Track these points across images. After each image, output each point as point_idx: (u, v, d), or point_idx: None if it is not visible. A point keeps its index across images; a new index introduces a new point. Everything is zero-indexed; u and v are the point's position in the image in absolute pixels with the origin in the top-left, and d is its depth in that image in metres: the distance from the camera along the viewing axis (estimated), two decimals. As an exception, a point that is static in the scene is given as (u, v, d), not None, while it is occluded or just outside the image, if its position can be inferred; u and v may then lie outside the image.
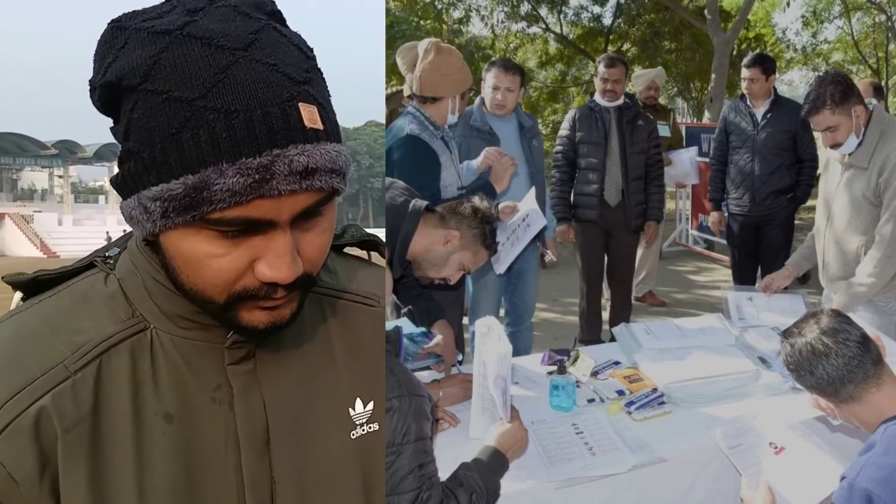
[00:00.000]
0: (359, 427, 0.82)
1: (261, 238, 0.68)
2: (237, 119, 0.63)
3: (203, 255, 0.68)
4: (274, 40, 0.68)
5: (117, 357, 0.73)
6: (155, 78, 0.64)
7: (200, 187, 0.63)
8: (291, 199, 0.66)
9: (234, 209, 0.64)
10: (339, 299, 0.87)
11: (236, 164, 0.63)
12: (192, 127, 0.63)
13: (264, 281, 0.69)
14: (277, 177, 0.64)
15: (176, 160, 0.64)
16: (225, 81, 0.64)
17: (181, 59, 0.64)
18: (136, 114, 0.66)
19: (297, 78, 0.67)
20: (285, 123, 0.65)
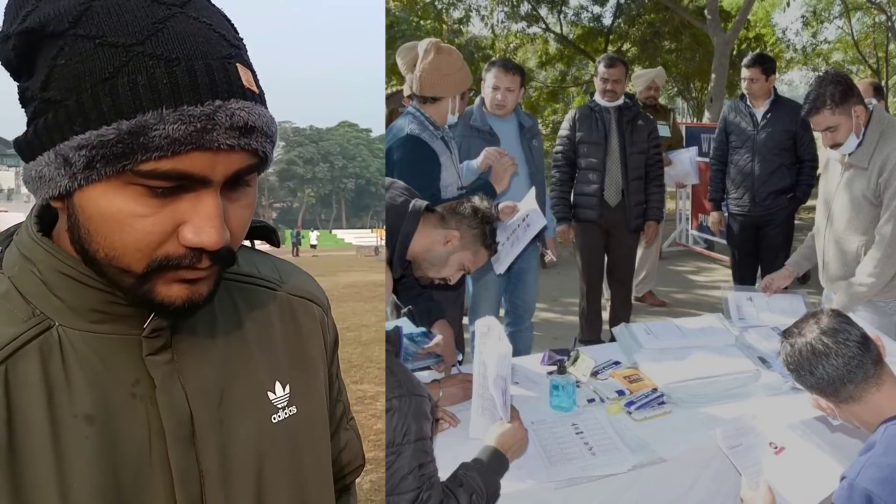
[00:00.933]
0: (280, 411, 0.80)
1: (189, 200, 0.64)
2: (178, 66, 0.61)
3: (127, 214, 0.63)
4: (206, 6, 0.67)
5: (24, 360, 0.67)
6: (86, 24, 0.61)
7: (136, 132, 0.60)
8: (227, 157, 0.64)
9: (169, 160, 0.61)
10: (244, 283, 0.85)
11: (178, 111, 0.60)
12: (128, 72, 0.60)
13: (189, 246, 0.65)
14: (218, 128, 0.62)
15: (108, 105, 0.60)
16: (164, 31, 0.61)
17: (116, 7, 0.62)
18: (62, 60, 0.61)
19: (232, 41, 0.66)
20: (226, 77, 0.63)
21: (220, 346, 0.78)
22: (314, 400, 0.86)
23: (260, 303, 0.84)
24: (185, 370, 0.74)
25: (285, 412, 0.81)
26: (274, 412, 0.80)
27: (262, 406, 0.79)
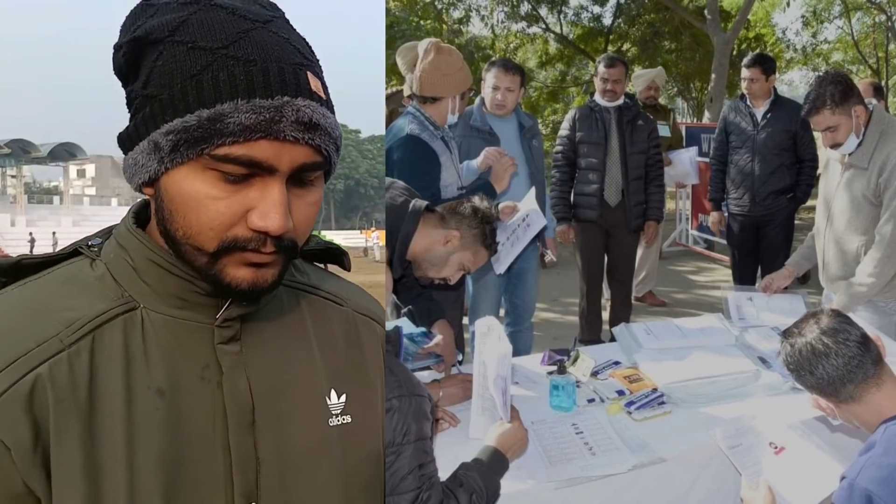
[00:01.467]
0: (335, 417, 0.85)
1: (258, 188, 0.72)
2: (254, 67, 0.70)
3: (203, 195, 0.71)
4: (287, 27, 0.76)
5: (110, 332, 0.74)
6: (182, 32, 0.71)
7: (214, 119, 0.69)
8: (293, 149, 0.71)
9: (241, 146, 0.69)
10: (312, 295, 0.91)
11: (250, 103, 0.69)
12: (212, 70, 0.70)
13: (255, 229, 0.72)
14: (285, 121, 0.70)
15: (193, 97, 0.70)
16: (245, 39, 0.71)
17: (207, 19, 0.72)
18: (160, 62, 0.72)
19: (305, 55, 0.75)
20: (295, 79, 0.72)
21: (285, 346, 0.84)
22: (369, 413, 0.90)
23: (326, 314, 0.91)
24: (251, 362, 0.80)
25: (339, 419, 0.85)
26: (329, 416, 0.85)
27: (319, 408, 0.84)
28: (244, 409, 0.78)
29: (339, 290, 0.95)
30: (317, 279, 0.94)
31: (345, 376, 0.88)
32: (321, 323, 0.89)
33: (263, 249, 0.73)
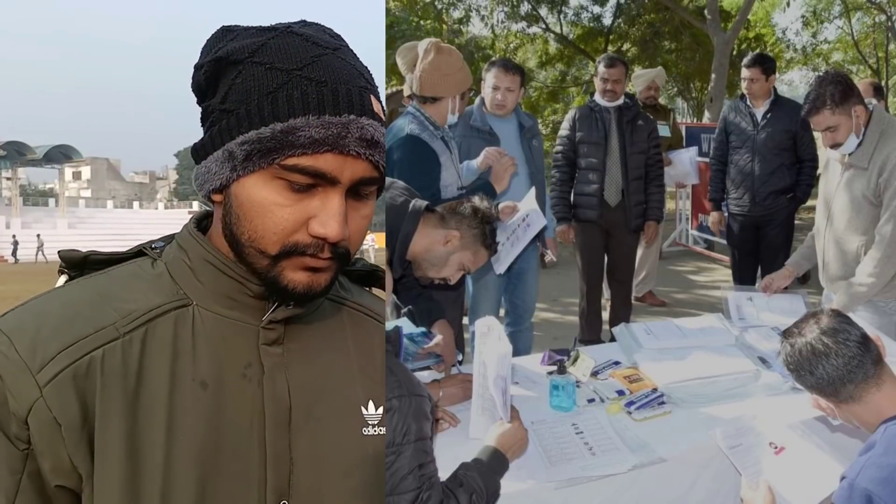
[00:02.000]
0: (370, 427, 0.88)
1: (320, 198, 0.78)
2: (325, 87, 0.77)
3: (270, 202, 0.77)
4: (353, 56, 0.83)
5: (162, 325, 0.80)
6: (261, 54, 0.78)
7: (287, 132, 0.75)
8: (355, 163, 0.77)
9: (309, 157, 0.75)
10: (355, 310, 0.96)
11: (321, 119, 0.75)
12: (287, 88, 0.76)
13: (315, 236, 0.78)
14: (350, 137, 0.76)
15: (269, 112, 0.76)
16: (318, 62, 0.78)
17: (284, 44, 0.79)
18: (239, 80, 0.78)
19: (369, 80, 0.82)
20: (361, 100, 0.78)
21: (325, 354, 0.89)
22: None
23: (367, 330, 0.96)
24: (291, 366, 0.85)
25: (375, 430, 0.89)
26: (364, 426, 0.88)
27: (354, 416, 0.88)
28: (282, 409, 0.82)
29: (381, 310, 1.00)
30: (359, 297, 0.99)
31: (381, 390, 0.92)
32: (361, 336, 0.94)
33: (321, 255, 0.79)
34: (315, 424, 0.84)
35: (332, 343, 0.90)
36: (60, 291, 0.83)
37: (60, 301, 0.81)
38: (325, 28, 0.85)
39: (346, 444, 0.86)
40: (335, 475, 0.84)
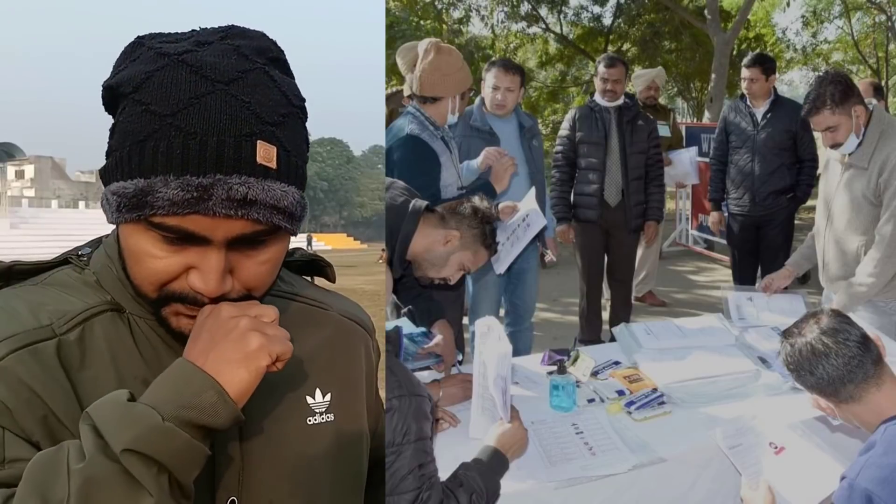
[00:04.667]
0: (316, 415, 0.89)
1: (197, 252, 0.74)
2: (193, 140, 0.71)
3: (144, 253, 0.75)
4: (259, 82, 0.75)
5: (100, 323, 0.80)
6: (143, 90, 0.73)
7: (147, 191, 0.71)
8: (227, 222, 0.73)
9: (173, 218, 0.72)
10: (294, 301, 0.95)
11: (180, 179, 0.70)
12: (156, 138, 0.71)
13: (193, 289, 0.76)
14: (215, 199, 0.71)
15: (136, 163, 0.72)
16: (196, 106, 0.71)
17: (169, 79, 0.73)
18: (122, 117, 0.75)
19: (266, 119, 0.74)
20: (235, 154, 0.72)
21: None
22: (352, 413, 0.94)
23: (311, 319, 0.95)
24: None
25: (322, 417, 0.89)
26: (310, 415, 0.89)
27: (300, 407, 0.88)
28: None
29: (323, 298, 0.99)
30: (300, 288, 0.98)
31: (330, 377, 0.92)
32: (305, 326, 0.92)
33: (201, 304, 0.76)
34: (264, 420, 0.84)
35: None
36: None
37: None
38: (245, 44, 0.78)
39: (293, 437, 0.86)
40: (284, 468, 0.85)
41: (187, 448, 0.69)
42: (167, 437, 0.68)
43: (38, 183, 48.59)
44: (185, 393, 0.70)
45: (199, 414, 0.69)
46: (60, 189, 48.37)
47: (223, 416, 0.70)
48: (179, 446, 0.68)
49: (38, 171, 48.85)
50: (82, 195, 48.17)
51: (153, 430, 0.67)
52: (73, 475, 0.66)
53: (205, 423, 0.70)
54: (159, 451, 0.67)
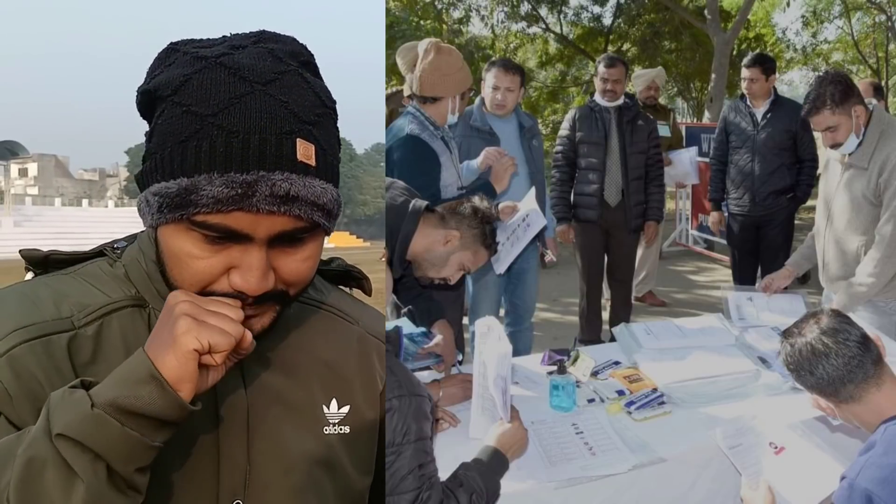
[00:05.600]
0: (331, 426, 0.88)
1: (239, 250, 0.75)
2: (236, 139, 0.72)
3: (185, 254, 0.75)
4: (294, 83, 0.77)
5: (119, 318, 0.81)
6: (182, 93, 0.74)
7: (191, 189, 0.72)
8: (270, 219, 0.73)
9: (217, 215, 0.72)
10: (323, 311, 0.96)
11: (224, 176, 0.71)
12: (198, 138, 0.72)
13: (235, 288, 0.76)
14: (259, 195, 0.71)
15: (178, 164, 0.73)
16: (237, 106, 0.72)
17: (208, 81, 0.74)
18: (161, 120, 0.75)
19: (303, 118, 0.75)
20: (277, 151, 0.73)
21: (286, 355, 0.88)
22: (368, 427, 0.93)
23: (336, 330, 0.95)
24: (250, 368, 0.84)
25: (336, 428, 0.89)
26: (325, 425, 0.88)
27: (315, 416, 0.88)
28: (238, 412, 0.82)
29: (353, 311, 0.99)
30: (333, 298, 0.98)
31: (350, 389, 0.91)
32: (329, 336, 0.93)
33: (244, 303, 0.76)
34: (274, 425, 0.84)
35: (295, 343, 0.90)
36: (21, 284, 0.84)
37: (20, 292, 0.82)
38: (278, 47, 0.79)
39: (305, 443, 0.86)
40: (292, 474, 0.84)
41: (120, 437, 0.67)
42: (97, 425, 0.67)
43: (41, 181, 48.62)
44: (127, 380, 0.69)
45: (135, 402, 0.68)
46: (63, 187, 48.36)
47: (161, 403, 0.69)
48: (111, 434, 0.67)
49: (42, 170, 48.90)
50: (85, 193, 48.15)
51: (84, 417, 0.67)
52: (18, 457, 0.67)
53: (141, 411, 0.68)
54: (90, 438, 0.67)
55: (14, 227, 33.99)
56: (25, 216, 37.23)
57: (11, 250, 0.97)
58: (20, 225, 34.91)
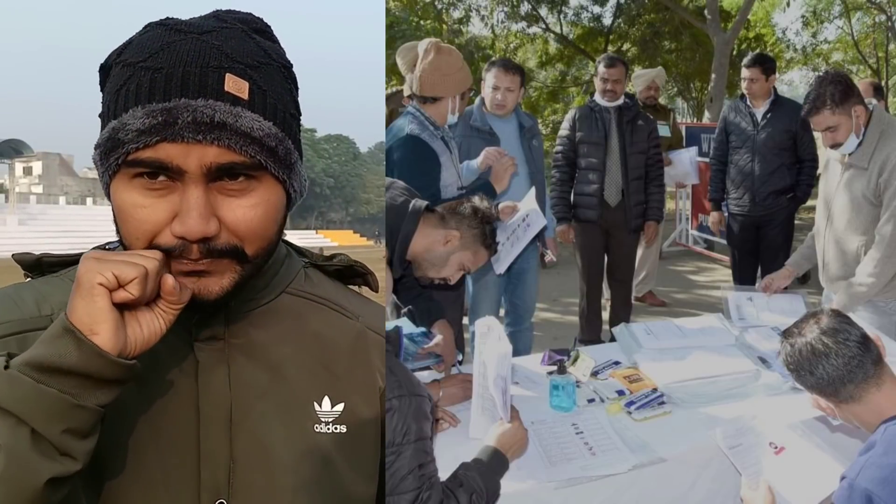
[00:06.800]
0: (323, 424, 0.84)
1: (179, 194, 0.72)
2: (160, 74, 0.71)
3: (129, 204, 0.73)
4: (235, 36, 0.76)
5: None
6: (124, 53, 0.75)
7: (118, 128, 0.71)
8: (199, 149, 0.71)
9: (146, 150, 0.70)
10: (319, 304, 0.91)
11: (146, 108, 0.70)
12: (129, 83, 0.72)
13: (175, 235, 0.72)
14: (181, 122, 0.69)
15: (112, 111, 0.73)
16: (166, 49, 0.72)
17: (145, 38, 0.75)
18: (107, 84, 0.76)
19: (237, 58, 0.74)
20: (201, 81, 0.71)
21: (277, 350, 0.85)
22: (367, 428, 0.88)
23: (333, 324, 0.90)
24: (234, 360, 0.82)
25: (330, 427, 0.84)
26: (316, 423, 0.84)
27: (305, 412, 0.83)
28: (220, 406, 0.79)
29: (354, 306, 0.94)
30: (329, 292, 0.93)
31: (345, 387, 0.86)
32: (326, 332, 0.89)
33: (189, 256, 0.73)
34: (259, 420, 0.81)
35: (284, 335, 0.86)
36: (7, 287, 0.84)
37: (4, 293, 0.82)
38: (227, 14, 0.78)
39: (293, 441, 0.81)
40: (279, 473, 0.80)
41: (35, 394, 0.65)
42: (11, 385, 0.65)
43: (45, 179, 48.60)
44: (44, 339, 0.67)
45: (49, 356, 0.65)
46: (68, 186, 48.33)
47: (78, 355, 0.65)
48: (26, 392, 0.64)
49: (46, 168, 48.90)
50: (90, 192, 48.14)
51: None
52: None
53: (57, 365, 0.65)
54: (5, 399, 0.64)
55: (19, 225, 34.02)
56: (30, 215, 37.27)
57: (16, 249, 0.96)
58: (25, 223, 34.91)
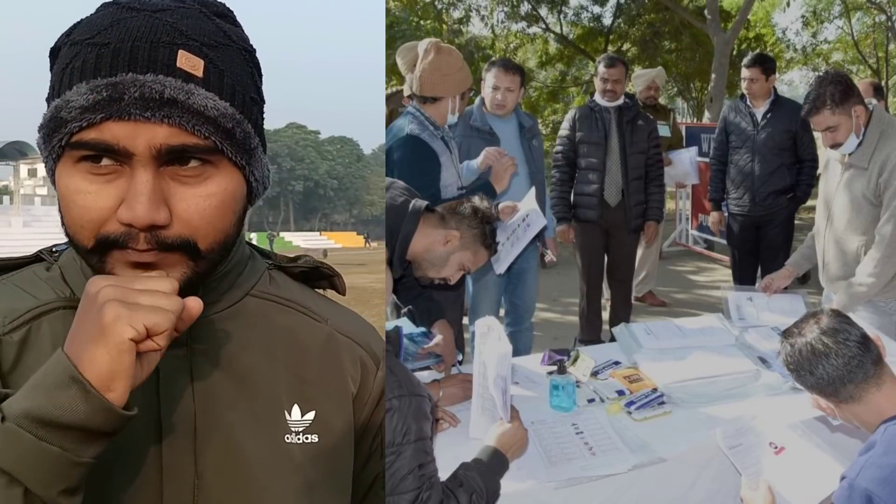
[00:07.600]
0: (293, 434, 0.79)
1: (126, 178, 0.67)
2: (106, 49, 0.66)
3: (73, 190, 0.68)
4: (192, 15, 0.70)
5: (49, 322, 0.74)
6: (73, 33, 0.70)
7: (61, 107, 0.66)
8: (148, 128, 0.65)
9: (90, 130, 0.65)
10: (286, 307, 0.86)
11: (90, 84, 0.65)
12: (73, 61, 0.67)
13: (121, 221, 0.66)
14: (128, 98, 0.64)
15: (56, 91, 0.68)
16: (116, 26, 0.67)
17: (97, 16, 0.70)
18: (56, 66, 0.71)
19: (192, 36, 0.69)
20: (151, 56, 0.66)
21: (243, 358, 0.79)
22: (340, 437, 0.83)
23: (301, 329, 0.85)
24: (199, 371, 0.76)
25: (301, 437, 0.79)
26: (287, 432, 0.79)
27: (275, 422, 0.79)
28: (183, 419, 0.74)
29: (322, 309, 0.88)
30: (296, 294, 0.88)
31: (316, 393, 0.82)
32: (294, 337, 0.84)
33: (136, 246, 0.67)
34: (226, 432, 0.75)
35: (251, 342, 0.80)
36: None
37: None
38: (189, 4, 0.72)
39: (262, 454, 0.76)
40: (248, 487, 0.75)
41: (37, 453, 0.58)
42: (8, 440, 0.58)
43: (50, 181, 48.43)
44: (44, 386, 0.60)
45: (54, 410, 0.58)
46: (73, 187, 48.04)
47: (85, 410, 0.59)
48: (26, 450, 0.58)
49: (51, 170, 48.61)
50: (94, 193, 47.73)
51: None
52: None
53: (62, 420, 0.58)
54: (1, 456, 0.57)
55: (23, 227, 33.96)
56: (34, 216, 37.22)
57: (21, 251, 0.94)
58: (29, 225, 34.88)
